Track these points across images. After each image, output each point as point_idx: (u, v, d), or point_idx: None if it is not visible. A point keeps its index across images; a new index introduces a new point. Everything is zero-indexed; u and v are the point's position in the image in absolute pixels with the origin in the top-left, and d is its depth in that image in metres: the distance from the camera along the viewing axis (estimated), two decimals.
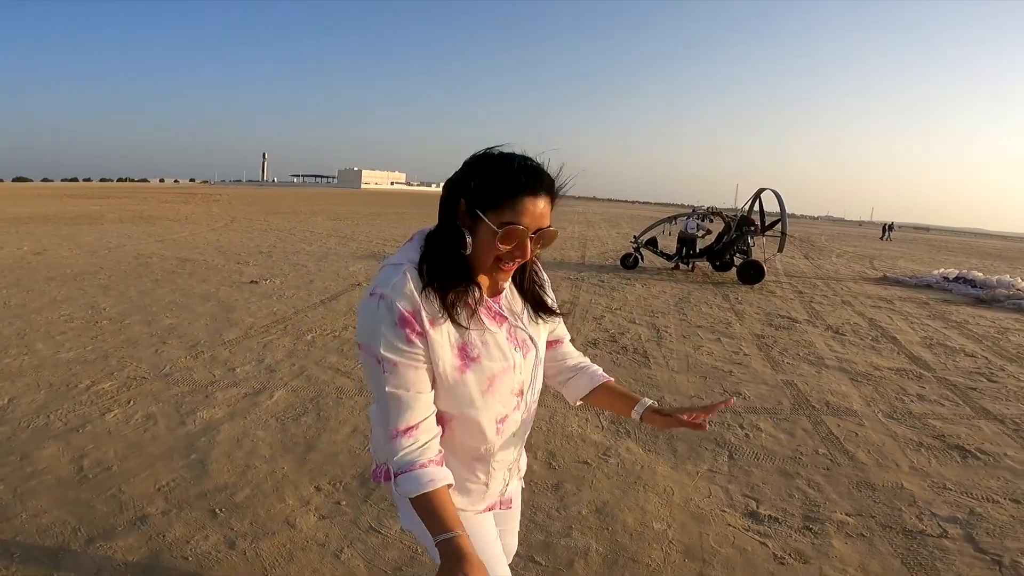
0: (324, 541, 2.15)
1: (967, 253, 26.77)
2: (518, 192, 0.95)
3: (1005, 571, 2.16)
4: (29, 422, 2.98)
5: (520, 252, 0.97)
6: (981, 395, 4.30)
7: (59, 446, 2.75)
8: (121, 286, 6.48)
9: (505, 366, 1.04)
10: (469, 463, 1.10)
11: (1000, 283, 10.47)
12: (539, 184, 0.97)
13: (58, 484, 2.42)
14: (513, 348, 1.06)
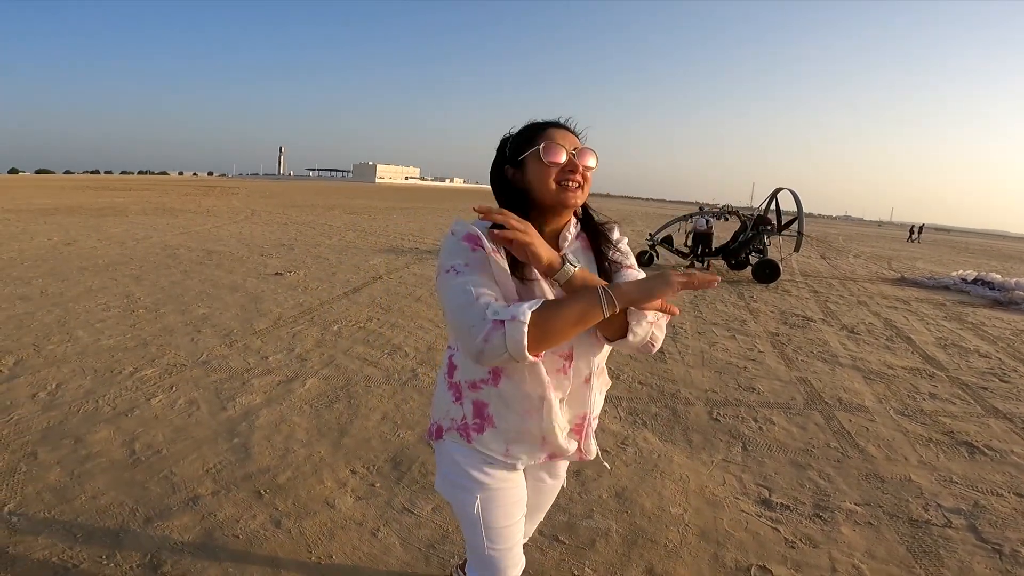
0: (361, 520, 2.28)
1: (987, 255, 26.42)
2: (545, 127, 1.15)
3: (1005, 559, 2.25)
4: (79, 407, 3.13)
5: (570, 165, 1.11)
6: (992, 395, 4.36)
7: (110, 430, 2.89)
8: (152, 276, 6.70)
9: None
10: (523, 414, 1.16)
11: (1018, 285, 10.40)
12: (563, 124, 1.18)
13: (112, 467, 2.55)
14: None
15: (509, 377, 1.14)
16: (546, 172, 1.10)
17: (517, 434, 1.18)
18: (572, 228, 1.19)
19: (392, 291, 6.72)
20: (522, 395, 1.14)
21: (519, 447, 1.19)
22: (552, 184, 1.11)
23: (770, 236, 10.73)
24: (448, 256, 1.08)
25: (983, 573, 2.16)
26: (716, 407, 3.69)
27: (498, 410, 1.17)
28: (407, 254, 10.05)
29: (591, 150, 1.15)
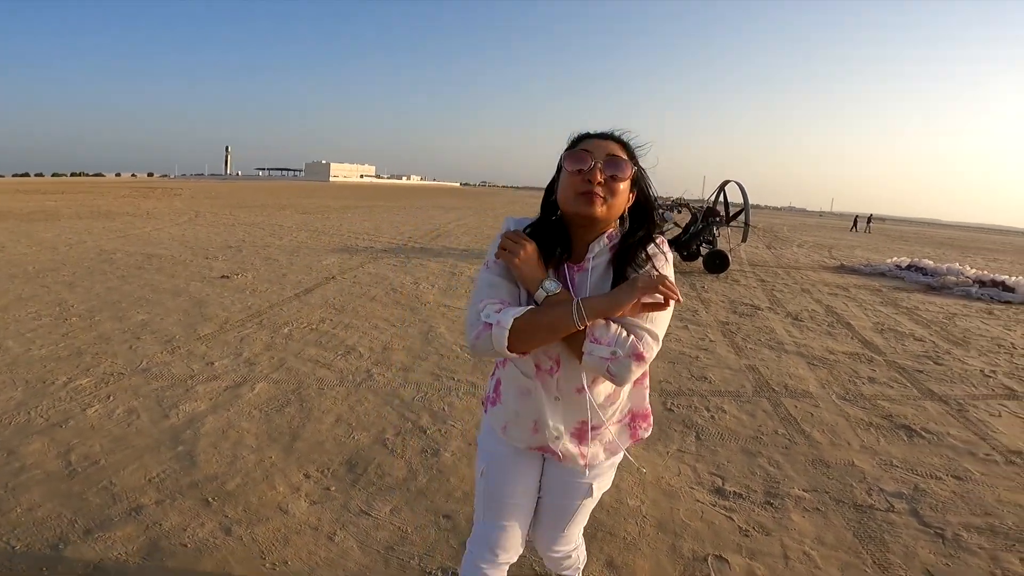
0: (317, 525, 2.24)
1: (920, 242, 27.91)
2: (584, 138, 1.19)
3: (948, 544, 2.33)
4: (10, 419, 2.97)
5: (590, 176, 1.12)
6: (928, 377, 4.60)
7: (44, 441, 2.76)
8: (87, 283, 6.36)
9: None
10: (519, 396, 1.28)
11: (950, 271, 11.03)
12: (603, 133, 1.20)
13: (48, 478, 2.45)
14: None
15: (515, 364, 1.27)
16: (568, 180, 1.14)
17: (514, 415, 1.30)
18: (604, 239, 1.19)
19: (346, 291, 6.59)
20: (517, 380, 1.27)
21: (514, 428, 1.31)
22: (572, 191, 1.14)
23: (719, 227, 11.03)
24: (490, 250, 1.21)
25: (927, 558, 2.24)
26: (670, 397, 3.76)
27: (505, 389, 1.32)
28: (362, 253, 9.87)
29: (624, 160, 1.14)
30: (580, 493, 1.38)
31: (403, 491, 2.49)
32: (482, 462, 1.41)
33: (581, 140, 1.18)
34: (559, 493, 1.40)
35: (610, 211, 1.15)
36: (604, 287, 1.17)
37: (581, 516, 1.45)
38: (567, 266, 1.19)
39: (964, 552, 2.28)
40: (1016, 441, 3.39)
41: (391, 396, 3.54)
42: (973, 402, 4.05)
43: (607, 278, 1.18)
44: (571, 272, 1.18)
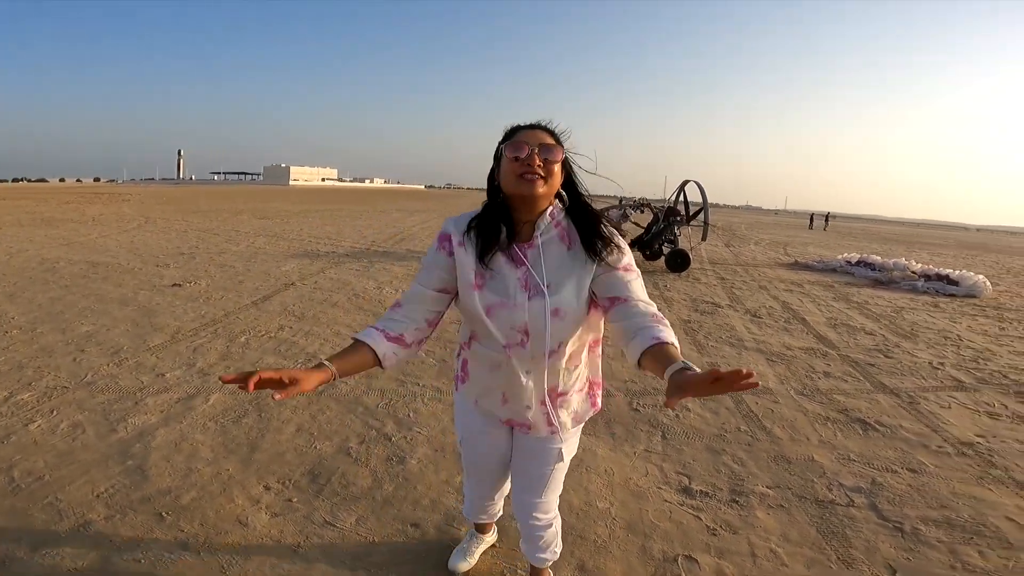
0: (279, 538, 2.17)
1: (868, 239, 29.03)
2: (517, 130, 1.33)
3: (907, 537, 2.38)
4: None
5: (529, 160, 1.26)
6: (879, 371, 4.76)
7: None
8: (27, 293, 6.03)
9: (504, 300, 1.30)
10: (489, 372, 1.40)
11: (896, 266, 11.48)
12: (535, 124, 1.34)
13: None
14: (520, 289, 1.30)
15: (478, 341, 1.40)
16: (509, 166, 1.29)
17: (484, 389, 1.44)
18: (547, 217, 1.33)
19: (306, 297, 6.42)
20: (485, 356, 1.38)
21: (485, 400, 1.46)
22: (513, 176, 1.28)
23: (680, 227, 11.22)
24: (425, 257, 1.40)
25: (888, 552, 2.28)
26: (635, 397, 3.78)
27: (473, 367, 1.45)
28: (323, 258, 9.66)
29: (554, 145, 1.30)
30: (551, 459, 1.51)
31: (369, 500, 2.43)
32: (459, 432, 1.62)
33: (516, 132, 1.32)
34: (531, 460, 1.52)
35: (549, 189, 1.30)
36: (563, 262, 1.31)
37: (555, 482, 1.57)
38: (516, 246, 1.32)
39: (923, 546, 2.34)
40: (966, 432, 3.52)
41: (354, 403, 3.45)
42: (923, 394, 4.20)
43: (563, 251, 1.32)
44: (522, 250, 1.32)
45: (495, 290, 1.30)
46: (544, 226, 1.32)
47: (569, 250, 1.33)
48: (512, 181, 1.28)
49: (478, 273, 1.31)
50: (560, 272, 1.30)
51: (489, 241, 1.31)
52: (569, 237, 1.34)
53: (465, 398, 1.51)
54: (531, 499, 1.58)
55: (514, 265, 1.31)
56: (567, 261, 1.31)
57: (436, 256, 1.36)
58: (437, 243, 1.37)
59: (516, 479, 1.60)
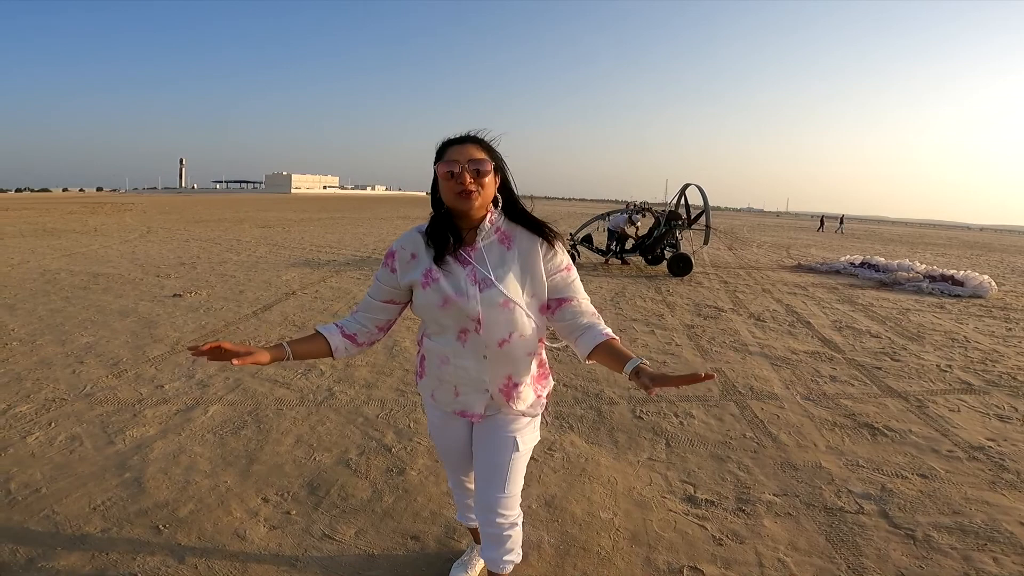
0: (277, 551, 2.13)
1: (871, 239, 28.92)
2: (447, 145, 1.41)
3: (919, 545, 2.32)
4: None
5: (460, 178, 1.35)
6: (886, 374, 4.69)
7: None
8: (28, 305, 6.02)
9: (456, 294, 1.40)
10: (440, 365, 1.50)
11: (900, 267, 11.41)
12: (461, 138, 1.42)
13: None
14: (469, 283, 1.40)
15: (429, 337, 1.52)
16: (444, 185, 1.38)
17: (437, 382, 1.53)
18: (487, 223, 1.43)
19: (307, 307, 6.40)
20: (436, 351, 1.49)
21: (439, 393, 1.55)
22: (451, 193, 1.37)
23: (681, 230, 11.18)
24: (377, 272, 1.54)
25: (900, 560, 2.23)
26: (639, 404, 3.73)
27: (428, 361, 1.54)
28: (324, 267, 9.65)
29: (484, 158, 1.38)
30: (508, 447, 1.55)
31: (368, 513, 2.39)
32: (429, 426, 1.72)
33: (446, 149, 1.40)
34: (489, 450, 1.57)
35: (483, 200, 1.39)
36: (504, 260, 1.43)
37: (515, 474, 1.59)
38: (462, 250, 1.43)
39: (936, 553, 2.28)
40: (976, 436, 3.46)
41: (354, 414, 3.41)
42: (932, 398, 4.14)
43: (503, 252, 1.44)
44: (467, 253, 1.43)
45: (447, 286, 1.41)
46: (486, 231, 1.44)
47: (508, 250, 1.45)
48: (450, 198, 1.38)
49: (431, 273, 1.42)
50: (502, 269, 1.42)
51: (442, 247, 1.42)
52: (508, 239, 1.45)
53: (425, 391, 1.61)
54: (493, 494, 1.59)
55: (461, 265, 1.42)
56: (507, 260, 1.44)
57: (382, 272, 1.51)
58: (384, 260, 1.51)
59: (478, 475, 1.63)
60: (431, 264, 1.43)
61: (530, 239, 1.46)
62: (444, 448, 1.71)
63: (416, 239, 1.47)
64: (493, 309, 1.41)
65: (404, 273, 1.46)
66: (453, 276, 1.42)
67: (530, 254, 1.45)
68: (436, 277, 1.42)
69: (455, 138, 1.43)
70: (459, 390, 1.50)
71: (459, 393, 1.51)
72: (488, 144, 1.43)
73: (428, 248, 1.44)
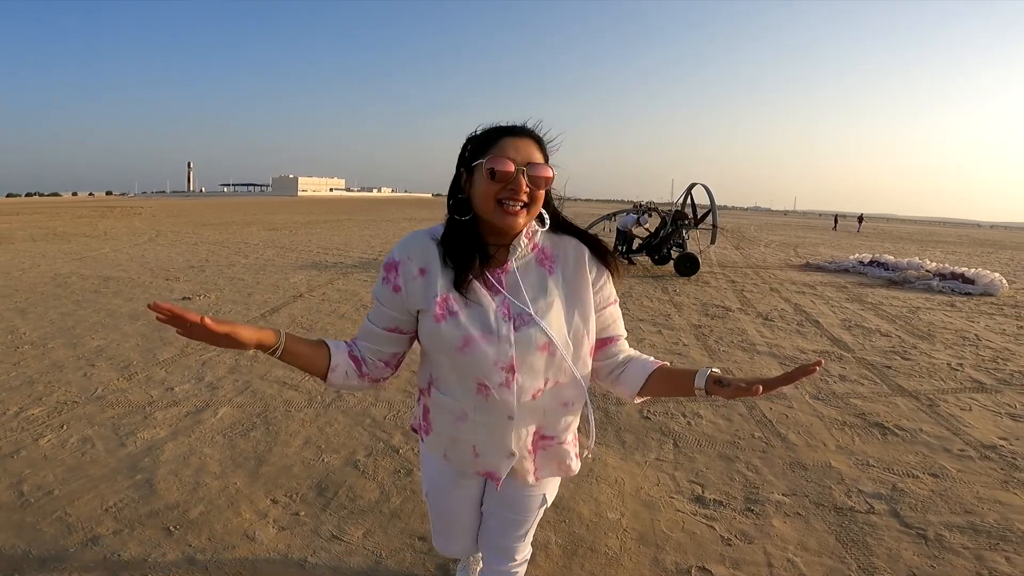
0: (286, 552, 2.14)
1: (880, 238, 28.73)
2: (500, 135, 1.07)
3: (931, 544, 2.31)
4: None
5: (514, 185, 1.04)
6: (897, 373, 4.66)
7: None
8: (40, 308, 6.08)
9: (483, 333, 1.07)
10: (453, 423, 1.17)
11: (910, 265, 11.32)
12: (521, 128, 1.10)
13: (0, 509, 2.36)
14: (502, 318, 1.08)
15: (438, 388, 1.18)
16: (488, 186, 1.05)
17: (451, 441, 1.21)
18: (524, 239, 1.12)
19: (315, 309, 6.43)
20: (447, 406, 1.17)
21: (453, 453, 1.22)
22: (492, 201, 1.05)
23: (688, 230, 11.14)
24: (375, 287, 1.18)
25: (912, 560, 2.21)
26: (646, 405, 3.72)
27: (435, 416, 1.21)
28: (331, 269, 9.68)
29: (545, 165, 1.08)
30: (534, 505, 1.33)
31: (376, 514, 2.40)
32: (426, 485, 1.39)
33: (499, 138, 1.07)
34: (510, 508, 1.33)
35: (530, 218, 1.10)
36: (546, 287, 1.13)
37: (535, 525, 1.41)
38: (490, 272, 1.11)
39: (948, 553, 2.27)
40: (988, 435, 3.43)
41: (362, 416, 3.42)
42: (943, 396, 4.11)
43: (543, 276, 1.14)
44: (497, 276, 1.11)
45: (471, 318, 1.08)
46: (522, 249, 1.12)
47: (551, 275, 1.14)
48: (490, 208, 1.06)
49: (448, 302, 1.09)
50: (544, 300, 1.11)
51: (464, 265, 1.09)
52: (549, 259, 1.15)
53: (432, 449, 1.27)
54: (508, 544, 1.40)
55: (490, 293, 1.10)
56: (549, 287, 1.13)
57: (382, 290, 1.14)
58: (383, 274, 1.13)
59: (490, 524, 1.38)
60: (448, 289, 1.09)
61: (576, 259, 1.16)
62: (450, 513, 1.37)
63: (427, 248, 1.12)
64: (530, 354, 1.09)
65: (412, 294, 1.11)
66: (479, 308, 1.09)
67: (576, 278, 1.15)
68: (455, 309, 1.08)
69: (511, 127, 1.09)
70: (479, 450, 1.18)
71: (479, 454, 1.19)
72: (546, 147, 1.12)
73: (445, 266, 1.10)
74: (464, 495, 1.34)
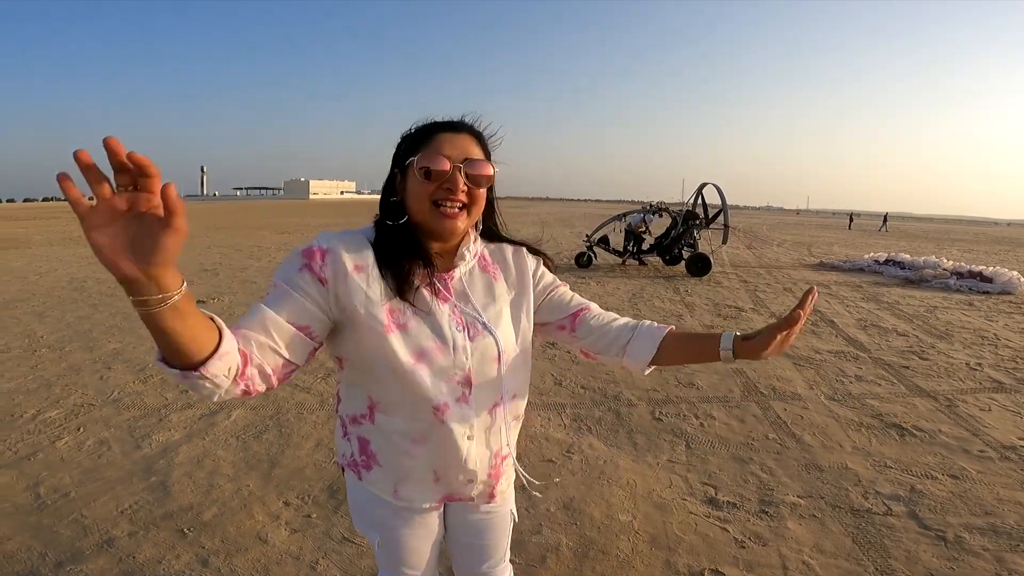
0: (298, 554, 2.15)
1: (895, 236, 28.38)
2: (434, 131, 0.97)
3: (950, 546, 2.27)
4: None
5: (450, 184, 0.93)
6: (914, 373, 4.60)
7: (12, 475, 2.69)
8: (57, 312, 6.17)
9: (438, 345, 0.96)
10: (410, 448, 1.01)
11: (927, 264, 11.16)
12: (457, 124, 0.99)
13: (17, 511, 2.39)
14: (455, 328, 0.98)
15: (384, 412, 0.99)
16: (422, 187, 0.94)
17: (405, 471, 1.03)
18: (470, 247, 1.04)
19: None
20: (402, 430, 1.00)
21: (408, 486, 1.04)
22: (427, 202, 0.95)
23: (699, 230, 11.07)
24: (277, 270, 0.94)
25: (931, 562, 2.18)
26: (658, 406, 3.70)
27: (380, 447, 1.03)
28: None
29: (485, 162, 0.97)
30: (505, 524, 1.20)
31: None
32: (373, 533, 1.12)
33: (432, 134, 0.96)
34: (479, 536, 1.18)
35: (470, 222, 0.99)
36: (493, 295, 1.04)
37: (507, 540, 1.25)
38: (438, 277, 1.00)
39: (968, 554, 2.23)
40: (1008, 435, 3.37)
41: None
42: (962, 397, 4.05)
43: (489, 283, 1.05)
44: (444, 283, 1.00)
45: (422, 329, 0.96)
46: (468, 255, 1.04)
47: (496, 281, 1.06)
48: (425, 209, 0.95)
49: (391, 309, 0.95)
50: (493, 307, 1.03)
51: (408, 271, 0.96)
52: (491, 266, 1.07)
53: (378, 488, 1.06)
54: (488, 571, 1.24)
55: (440, 300, 0.99)
56: (497, 294, 1.05)
57: (296, 275, 0.91)
58: (301, 260, 0.92)
59: (462, 556, 1.22)
60: (391, 297, 0.95)
61: (517, 264, 1.10)
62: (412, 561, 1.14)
63: (364, 249, 0.97)
64: (486, 364, 1.01)
65: (347, 292, 0.92)
66: (430, 317, 0.97)
67: (521, 282, 1.09)
68: (403, 320, 0.95)
69: (447, 122, 0.99)
70: (440, 473, 1.04)
71: (440, 477, 1.04)
72: (486, 142, 1.03)
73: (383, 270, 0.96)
74: (424, 533, 1.12)
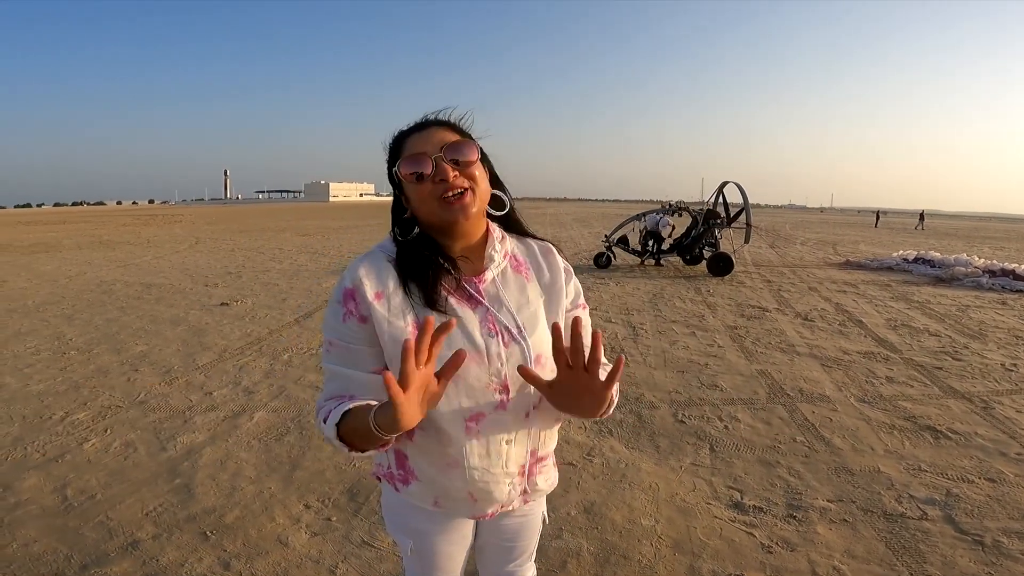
0: (318, 557, 2.15)
1: (924, 234, 27.71)
2: (403, 138, 0.98)
3: (988, 551, 2.20)
4: (7, 454, 2.97)
5: (440, 175, 0.92)
6: (948, 374, 4.46)
7: (40, 476, 2.74)
8: (86, 315, 6.31)
9: (472, 353, 0.94)
10: (444, 469, 0.99)
11: (958, 261, 10.87)
12: (421, 122, 0.99)
13: (44, 514, 2.43)
14: (487, 334, 0.95)
15: (424, 430, 0.96)
16: (418, 191, 0.94)
17: (443, 489, 1.02)
18: (498, 245, 1.01)
19: None
20: (439, 451, 0.98)
21: (448, 502, 1.04)
22: (431, 201, 0.93)
23: (721, 230, 10.92)
24: (325, 324, 0.98)
25: (968, 567, 2.11)
26: (681, 408, 3.64)
27: (418, 464, 1.02)
28: None
29: (465, 141, 0.96)
30: (535, 527, 1.21)
31: None
32: (406, 540, 1.13)
33: (402, 141, 0.98)
34: (510, 539, 1.19)
35: (481, 204, 0.97)
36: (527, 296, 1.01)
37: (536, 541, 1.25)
38: (467, 280, 0.98)
39: (1006, 559, 2.16)
40: None
41: None
42: (998, 398, 3.91)
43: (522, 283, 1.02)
44: (474, 287, 0.98)
45: (453, 339, 0.93)
46: (497, 257, 1.00)
47: (528, 282, 1.03)
48: (432, 209, 0.94)
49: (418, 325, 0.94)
50: (527, 310, 1.00)
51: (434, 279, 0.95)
52: (525, 266, 1.04)
53: (418, 500, 1.06)
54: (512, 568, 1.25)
55: (470, 306, 0.97)
56: (531, 296, 1.01)
57: (343, 328, 0.95)
58: (341, 307, 0.96)
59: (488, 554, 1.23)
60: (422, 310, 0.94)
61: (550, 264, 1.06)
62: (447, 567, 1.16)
63: (381, 268, 0.98)
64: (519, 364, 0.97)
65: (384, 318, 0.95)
66: (461, 324, 0.95)
67: (554, 287, 1.04)
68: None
69: (411, 126, 1.00)
70: (476, 495, 1.01)
71: (477, 499, 1.02)
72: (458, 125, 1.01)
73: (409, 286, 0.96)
74: (459, 539, 1.14)
